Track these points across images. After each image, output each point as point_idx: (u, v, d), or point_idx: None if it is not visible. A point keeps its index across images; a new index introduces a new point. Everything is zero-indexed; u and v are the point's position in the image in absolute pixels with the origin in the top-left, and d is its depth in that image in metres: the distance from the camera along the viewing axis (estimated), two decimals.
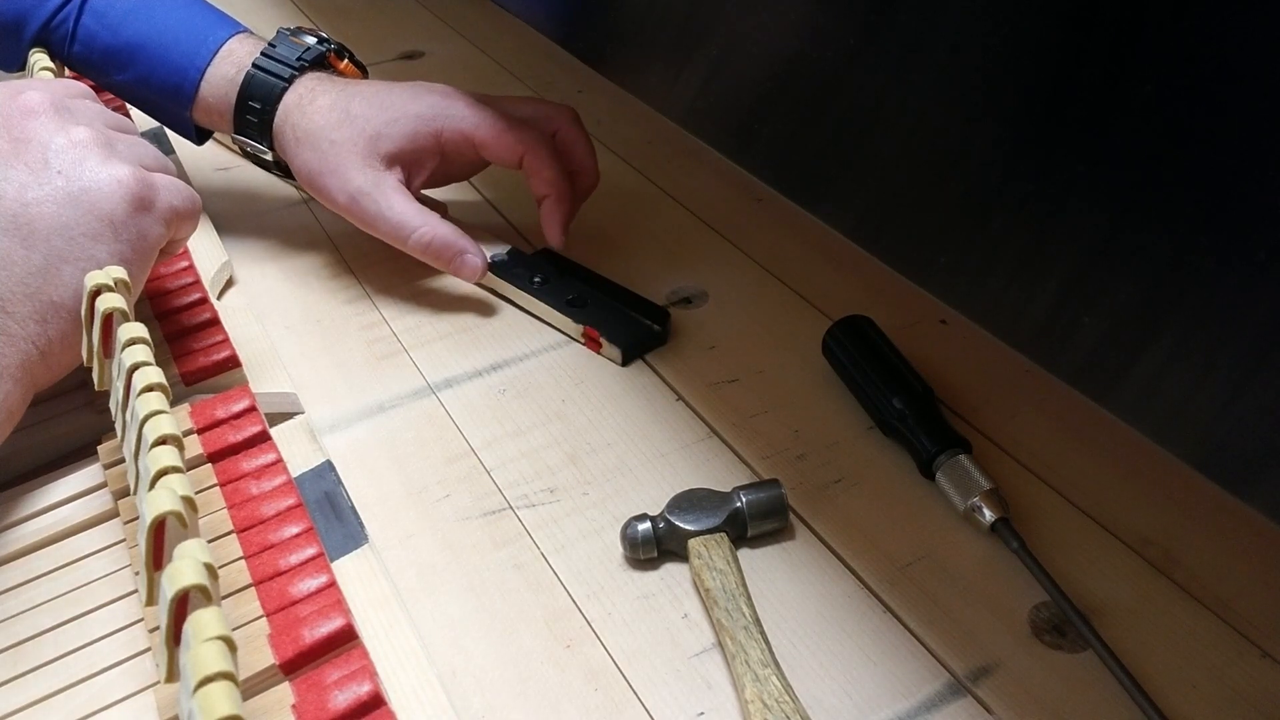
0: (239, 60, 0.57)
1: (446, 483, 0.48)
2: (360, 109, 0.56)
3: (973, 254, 0.40)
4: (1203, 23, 0.30)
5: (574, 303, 0.57)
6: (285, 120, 0.57)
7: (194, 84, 0.57)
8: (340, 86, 0.58)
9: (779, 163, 0.50)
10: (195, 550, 0.31)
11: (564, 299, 0.57)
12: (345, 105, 0.56)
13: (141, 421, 0.37)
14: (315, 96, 0.57)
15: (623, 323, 0.56)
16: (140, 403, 0.37)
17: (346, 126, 0.55)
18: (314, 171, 0.56)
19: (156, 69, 0.57)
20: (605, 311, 0.56)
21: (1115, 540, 0.45)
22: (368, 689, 0.34)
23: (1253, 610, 0.42)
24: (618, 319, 0.56)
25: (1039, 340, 0.38)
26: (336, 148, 0.55)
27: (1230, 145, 0.31)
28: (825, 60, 0.45)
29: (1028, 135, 0.37)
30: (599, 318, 0.56)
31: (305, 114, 0.56)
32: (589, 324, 0.55)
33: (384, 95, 0.57)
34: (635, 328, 0.56)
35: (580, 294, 0.58)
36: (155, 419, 0.36)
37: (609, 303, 0.57)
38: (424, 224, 0.56)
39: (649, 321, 0.56)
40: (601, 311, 0.56)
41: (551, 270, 0.59)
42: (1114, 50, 0.33)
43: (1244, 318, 0.31)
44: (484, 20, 0.97)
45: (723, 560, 0.42)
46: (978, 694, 0.39)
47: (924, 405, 0.48)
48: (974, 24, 0.38)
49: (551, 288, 0.58)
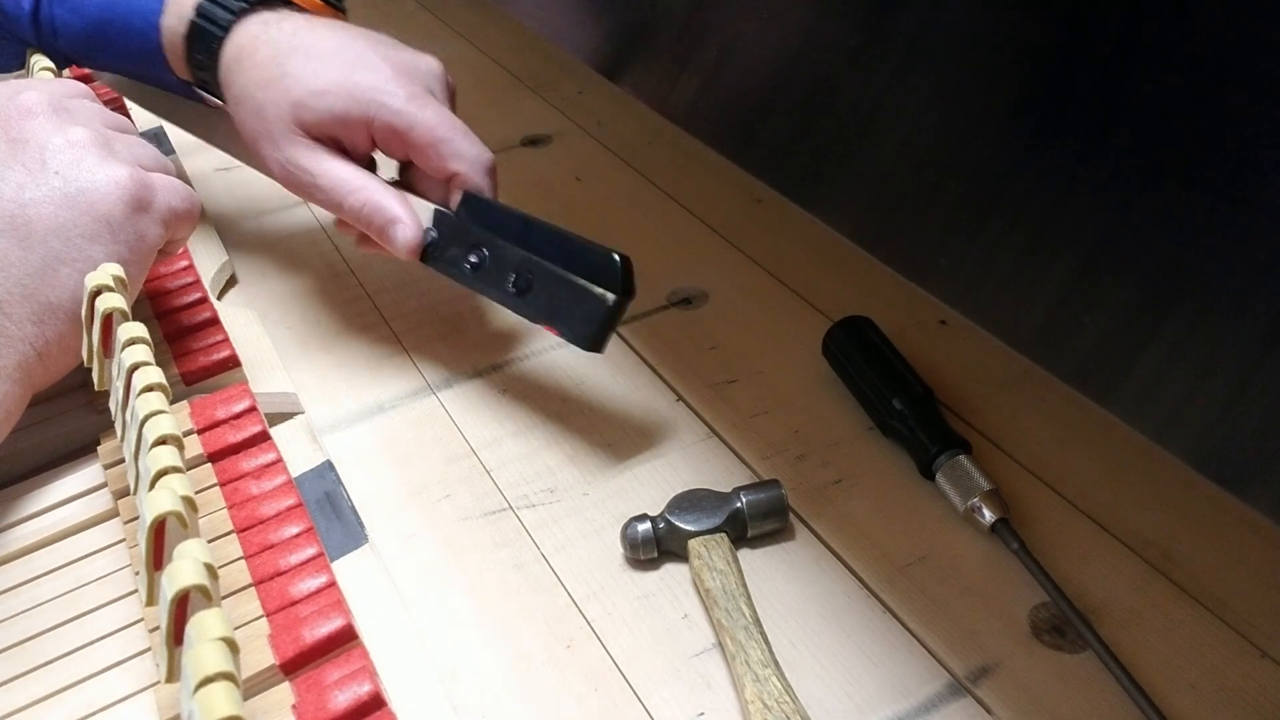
0: (181, 9, 0.52)
1: (447, 483, 0.48)
2: (295, 68, 0.49)
3: (972, 255, 0.40)
4: (1202, 24, 0.30)
5: (518, 286, 0.47)
6: (228, 74, 0.51)
7: (156, 44, 0.53)
8: (290, 34, 0.50)
9: (779, 163, 0.50)
10: (195, 550, 0.31)
11: (506, 284, 0.48)
12: (282, 62, 0.49)
13: (141, 421, 0.37)
14: (258, 47, 0.50)
15: (576, 303, 0.46)
16: (140, 402, 0.37)
17: (275, 88, 0.49)
18: (248, 137, 0.51)
19: (125, 38, 0.54)
20: (554, 291, 0.46)
21: (1115, 541, 0.45)
22: (368, 689, 0.34)
23: (1252, 610, 0.42)
24: (570, 299, 0.46)
25: (1038, 341, 0.38)
26: (264, 112, 0.49)
27: (1229, 146, 0.31)
28: (825, 62, 0.45)
29: (1027, 137, 0.38)
30: (549, 307, 0.47)
31: (243, 69, 0.50)
32: (539, 319, 0.47)
33: (323, 59, 0.49)
34: (588, 307, 0.45)
35: (521, 270, 0.47)
36: (155, 419, 0.36)
37: (555, 274, 0.46)
38: (362, 187, 0.49)
39: (601, 291, 0.45)
40: (550, 292, 0.47)
41: (484, 235, 0.49)
42: (1113, 52, 0.33)
43: (1243, 319, 0.31)
44: (484, 21, 0.97)
45: (723, 560, 0.42)
46: (977, 694, 0.39)
47: (924, 406, 0.48)
48: (974, 26, 0.38)
49: (491, 270, 0.48)
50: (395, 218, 0.49)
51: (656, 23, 0.57)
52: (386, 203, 0.49)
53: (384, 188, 0.49)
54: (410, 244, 0.49)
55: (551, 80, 0.85)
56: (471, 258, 0.48)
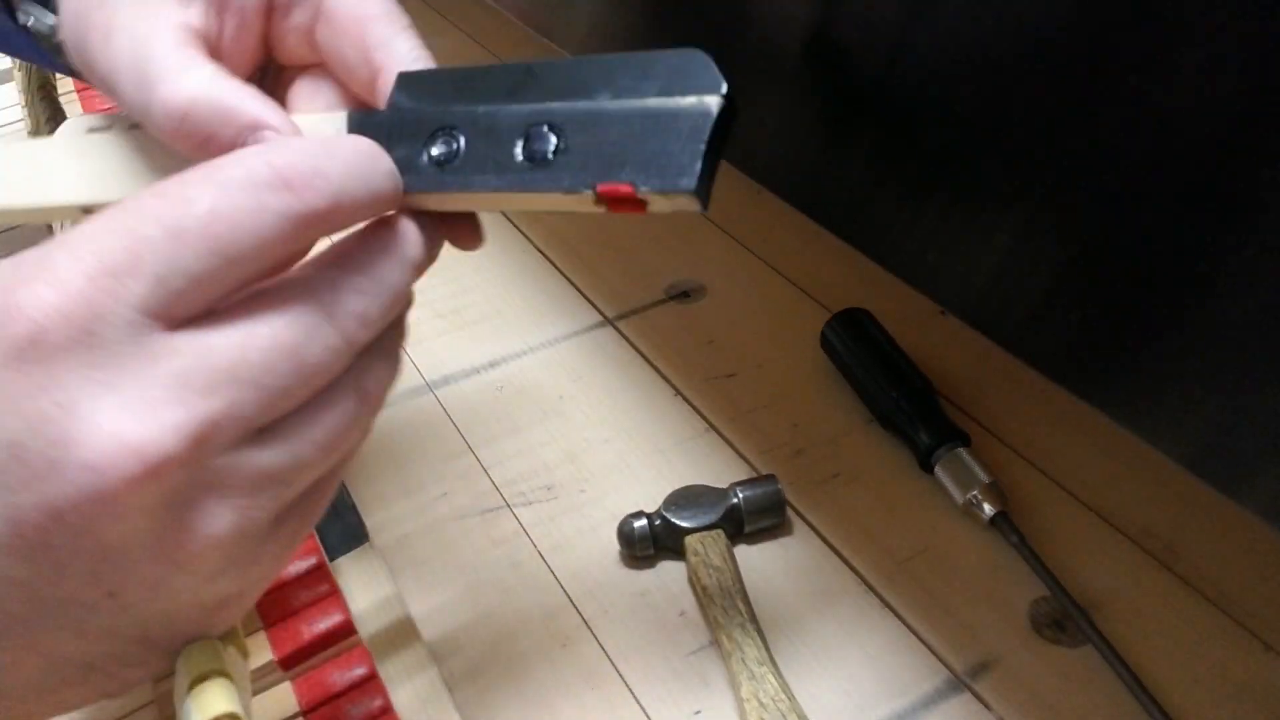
0: None
1: (444, 481, 0.48)
2: None
3: (959, 251, 0.40)
4: (1187, 14, 0.30)
5: (532, 155, 0.27)
6: None
7: None
8: None
9: (772, 164, 0.50)
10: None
11: (508, 160, 0.28)
12: None
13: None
14: None
15: (654, 134, 0.26)
16: None
17: None
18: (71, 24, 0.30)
19: None
20: (606, 135, 0.27)
21: (1116, 533, 0.45)
22: (378, 703, 0.34)
23: (1256, 603, 0.41)
24: (641, 133, 0.26)
25: (1027, 338, 0.38)
26: None
27: (1223, 142, 0.30)
28: (820, 63, 0.45)
29: (1018, 130, 0.37)
30: (607, 158, 0.27)
31: None
32: (590, 180, 0.27)
33: None
34: (681, 127, 0.26)
35: (533, 132, 0.28)
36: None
37: (605, 111, 0.27)
38: (198, 70, 0.27)
39: (694, 99, 0.26)
40: (600, 139, 0.27)
41: (449, 113, 0.29)
42: (1098, 43, 0.33)
43: (1237, 320, 0.31)
44: (483, 15, 0.96)
45: (719, 557, 0.42)
46: (977, 690, 0.39)
47: (922, 398, 0.48)
48: (972, 15, 0.38)
49: (474, 153, 0.28)
50: (256, 122, 0.27)
51: (648, 22, 0.57)
52: (238, 100, 0.27)
53: (240, 85, 0.28)
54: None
55: None
56: (432, 150, 0.29)
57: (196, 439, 0.22)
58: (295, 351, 0.23)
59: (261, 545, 0.25)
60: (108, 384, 0.22)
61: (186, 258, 0.22)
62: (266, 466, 0.24)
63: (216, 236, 0.23)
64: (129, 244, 0.22)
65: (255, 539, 0.25)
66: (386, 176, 0.27)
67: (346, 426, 0.25)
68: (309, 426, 0.25)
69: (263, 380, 0.23)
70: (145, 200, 0.23)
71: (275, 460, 0.24)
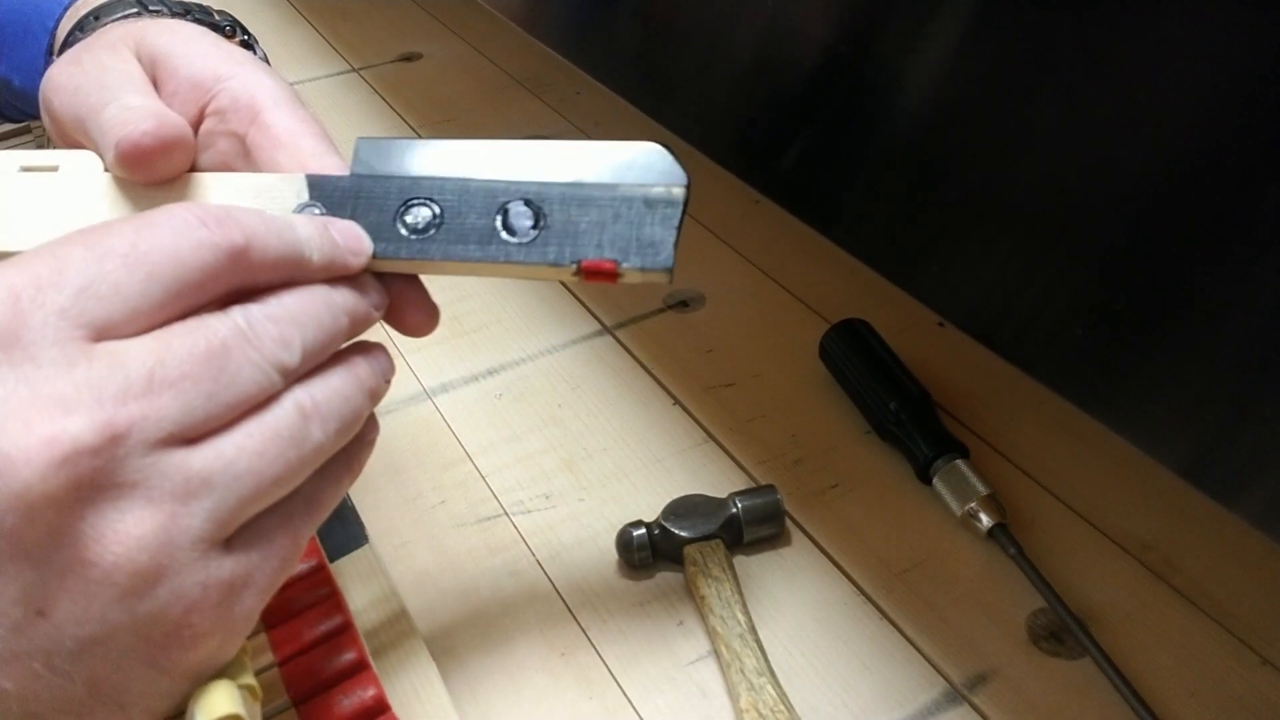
0: (77, 11, 0.42)
1: (442, 489, 0.48)
2: (151, 33, 0.36)
3: (959, 262, 0.40)
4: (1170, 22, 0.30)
5: (511, 227, 0.30)
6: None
7: (44, 47, 0.43)
8: (160, 25, 0.37)
9: (771, 172, 0.50)
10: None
11: (490, 230, 0.30)
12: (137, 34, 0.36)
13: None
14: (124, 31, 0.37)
15: (627, 219, 0.30)
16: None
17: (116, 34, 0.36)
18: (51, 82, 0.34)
19: (23, 41, 0.44)
20: (583, 215, 0.30)
21: (1114, 545, 0.45)
22: (372, 693, 0.34)
23: (1253, 616, 0.41)
24: (615, 216, 0.30)
25: (1026, 349, 0.38)
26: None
27: (1219, 152, 0.30)
28: (822, 62, 0.45)
29: (1014, 134, 0.37)
30: (584, 236, 0.30)
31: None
32: (573, 256, 0.30)
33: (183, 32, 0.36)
34: (653, 214, 0.30)
35: (510, 206, 0.30)
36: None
37: (581, 192, 0.30)
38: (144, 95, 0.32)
39: (663, 189, 0.30)
40: (576, 218, 0.30)
41: (417, 182, 0.31)
42: (1081, 43, 0.33)
43: (1232, 328, 0.31)
44: (482, 22, 0.96)
45: (718, 567, 0.42)
46: (975, 702, 0.39)
47: (921, 409, 0.48)
48: (955, 26, 0.38)
49: (456, 223, 0.31)
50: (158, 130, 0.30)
51: (646, 28, 0.57)
52: (168, 116, 0.31)
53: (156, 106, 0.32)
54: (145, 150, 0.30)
55: (549, 81, 0.85)
56: (408, 217, 0.31)
57: (109, 434, 0.23)
58: (213, 362, 0.25)
59: (205, 563, 0.25)
60: (27, 381, 0.23)
61: (108, 270, 0.24)
62: (197, 471, 0.25)
63: (140, 254, 0.25)
64: (53, 262, 0.24)
65: (190, 552, 0.25)
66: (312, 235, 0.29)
67: (286, 444, 0.26)
68: (245, 437, 0.25)
69: (181, 385, 0.24)
70: (71, 234, 0.26)
71: (204, 465, 0.25)
